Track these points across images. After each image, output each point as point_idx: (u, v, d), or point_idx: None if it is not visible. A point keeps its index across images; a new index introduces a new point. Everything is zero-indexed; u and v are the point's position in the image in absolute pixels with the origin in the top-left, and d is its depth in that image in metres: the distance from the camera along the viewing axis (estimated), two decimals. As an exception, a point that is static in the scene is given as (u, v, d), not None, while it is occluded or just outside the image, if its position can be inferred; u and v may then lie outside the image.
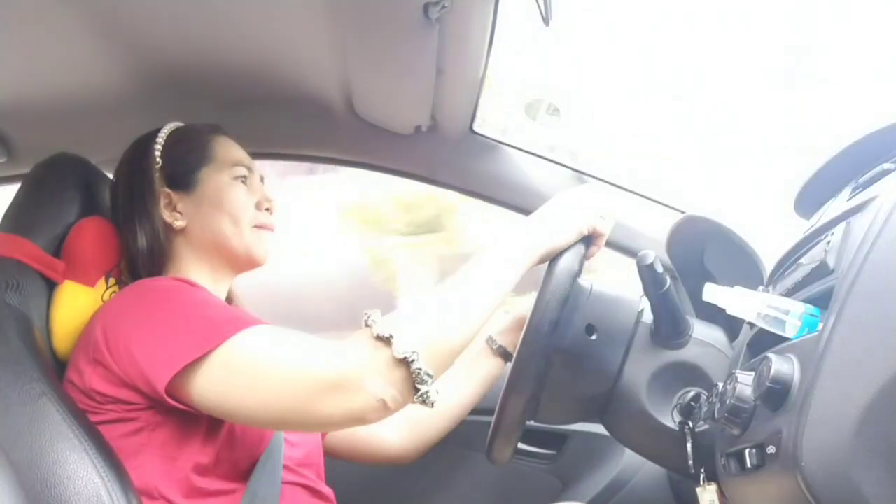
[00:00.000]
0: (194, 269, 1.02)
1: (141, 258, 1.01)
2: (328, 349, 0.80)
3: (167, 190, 1.02)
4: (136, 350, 0.85)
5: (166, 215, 1.02)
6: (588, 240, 0.93)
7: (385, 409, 0.78)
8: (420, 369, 0.77)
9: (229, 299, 1.10)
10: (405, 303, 0.86)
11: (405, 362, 0.77)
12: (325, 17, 1.04)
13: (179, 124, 1.09)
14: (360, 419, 0.79)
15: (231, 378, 0.81)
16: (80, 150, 1.13)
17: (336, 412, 0.78)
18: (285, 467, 0.97)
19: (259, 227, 1.04)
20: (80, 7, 1.00)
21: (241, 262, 1.05)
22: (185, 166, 1.03)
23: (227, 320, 0.84)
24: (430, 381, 0.78)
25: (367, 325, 0.79)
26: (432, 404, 0.79)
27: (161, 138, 1.05)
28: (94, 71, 1.16)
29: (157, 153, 1.04)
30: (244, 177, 1.05)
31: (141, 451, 0.88)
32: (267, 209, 1.06)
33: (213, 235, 1.02)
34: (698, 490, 0.87)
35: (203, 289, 0.94)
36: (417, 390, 0.78)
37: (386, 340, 0.77)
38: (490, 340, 1.22)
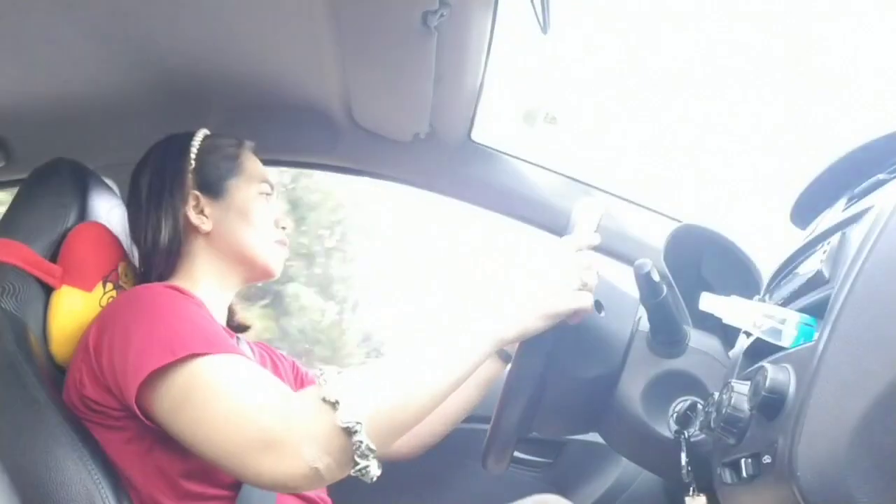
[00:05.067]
0: (205, 273, 1.03)
1: (159, 253, 1.01)
2: (278, 402, 0.77)
3: (196, 192, 1.04)
4: (115, 357, 0.85)
5: (193, 217, 1.03)
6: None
7: (318, 479, 0.75)
8: (361, 442, 0.73)
9: (231, 308, 1.10)
10: (366, 364, 0.82)
11: (347, 432, 0.73)
12: (324, 25, 1.04)
13: (209, 132, 1.10)
14: (288, 485, 0.76)
15: (186, 400, 0.80)
16: (79, 156, 1.13)
17: (266, 471, 0.75)
18: None
19: (278, 242, 1.07)
20: (81, 14, 1.00)
21: (257, 273, 1.07)
22: (217, 173, 1.05)
23: (199, 338, 0.83)
24: (371, 454, 0.74)
25: (319, 380, 0.76)
26: (371, 479, 0.75)
27: (197, 141, 1.07)
28: (94, 77, 1.16)
29: (193, 155, 1.05)
30: (268, 194, 1.08)
31: (134, 457, 0.87)
32: (283, 227, 1.09)
33: (235, 243, 1.04)
34: (687, 499, 0.86)
35: (192, 300, 0.93)
36: (357, 463, 0.74)
37: (332, 405, 0.73)
38: None
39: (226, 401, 0.78)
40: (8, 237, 1.01)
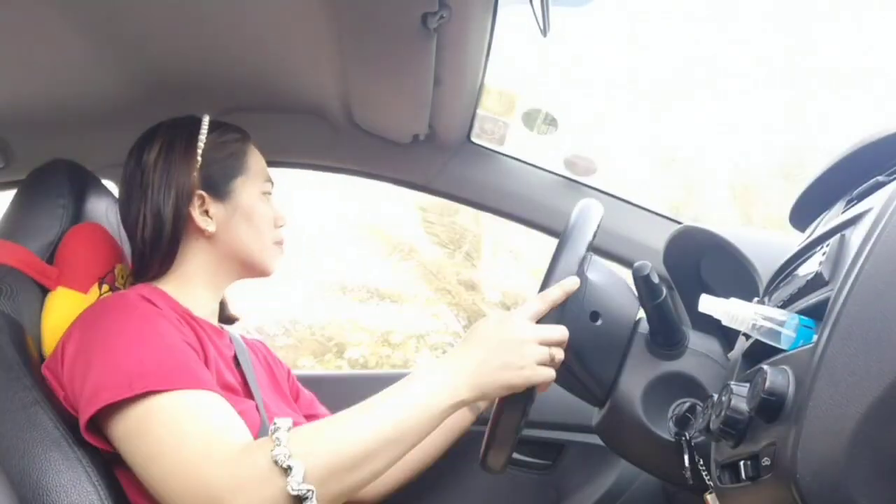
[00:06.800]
0: (199, 273, 1.02)
1: (157, 253, 0.99)
2: (229, 458, 0.76)
3: (202, 192, 1.01)
4: (76, 379, 0.85)
5: (198, 218, 1.00)
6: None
7: None
8: None
9: (223, 303, 1.09)
10: (327, 421, 0.83)
11: (297, 499, 0.73)
12: (324, 27, 1.04)
13: (213, 119, 1.06)
14: None
15: (139, 436, 0.80)
16: (77, 157, 1.13)
17: None
18: None
19: (277, 243, 1.06)
20: (80, 16, 1.00)
21: (254, 273, 1.06)
22: (223, 173, 1.03)
23: (161, 371, 0.82)
24: None
25: (272, 437, 0.76)
26: None
27: (203, 135, 1.02)
28: (93, 79, 1.16)
29: (199, 151, 1.01)
30: (269, 193, 1.07)
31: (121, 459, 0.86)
32: (280, 226, 1.07)
33: (238, 246, 1.02)
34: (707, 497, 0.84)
35: (164, 316, 0.90)
36: None
37: (284, 470, 0.73)
38: None
39: (176, 449, 0.78)
40: (5, 238, 1.01)
